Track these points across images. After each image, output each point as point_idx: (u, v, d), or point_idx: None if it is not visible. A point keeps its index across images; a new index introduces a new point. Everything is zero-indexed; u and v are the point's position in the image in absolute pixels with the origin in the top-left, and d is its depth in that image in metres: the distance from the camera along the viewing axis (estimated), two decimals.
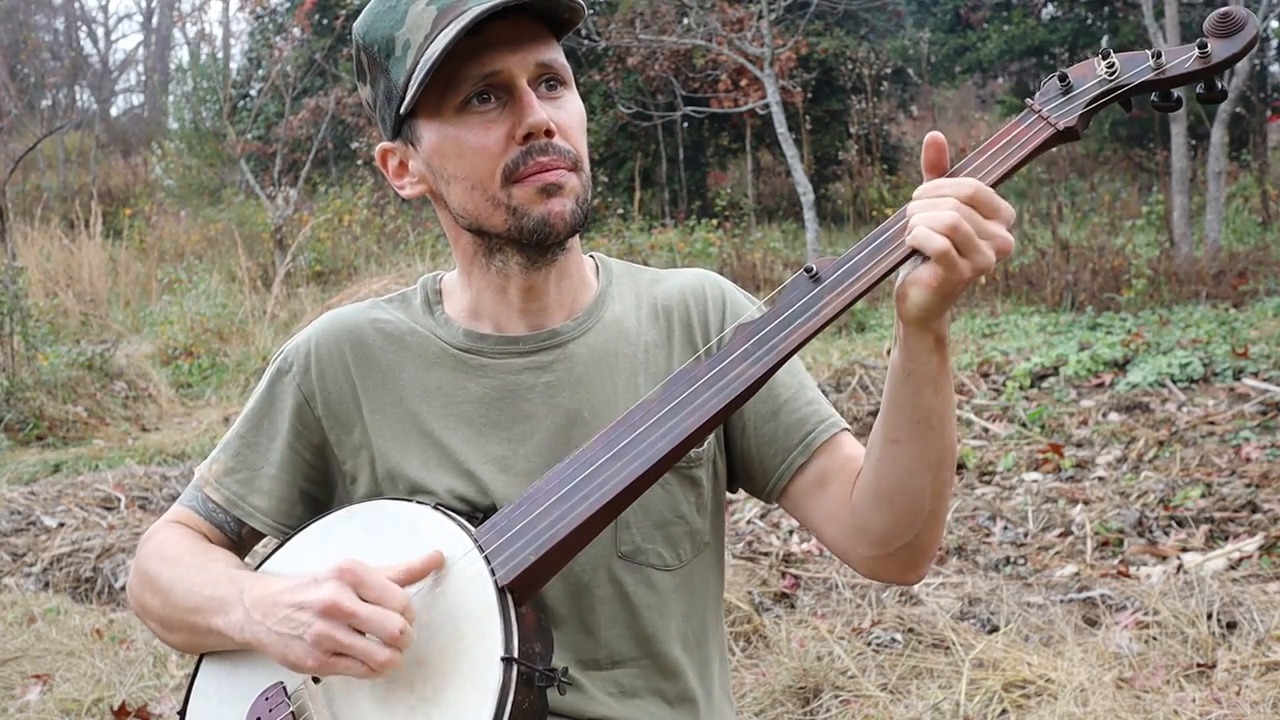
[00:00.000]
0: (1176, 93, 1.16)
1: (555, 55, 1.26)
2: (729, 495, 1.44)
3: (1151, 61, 1.14)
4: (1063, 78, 1.16)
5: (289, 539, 1.32)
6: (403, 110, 1.24)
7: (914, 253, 1.13)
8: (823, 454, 1.34)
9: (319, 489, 1.39)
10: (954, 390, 1.23)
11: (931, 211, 1.10)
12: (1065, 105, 1.15)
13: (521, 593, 1.16)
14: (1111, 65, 1.15)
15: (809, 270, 1.16)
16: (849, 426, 1.38)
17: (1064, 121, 1.14)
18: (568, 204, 1.25)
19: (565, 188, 1.25)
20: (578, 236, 1.34)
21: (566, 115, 1.27)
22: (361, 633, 1.13)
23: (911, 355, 1.16)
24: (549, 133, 1.23)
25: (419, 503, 1.27)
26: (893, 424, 1.20)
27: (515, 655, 1.12)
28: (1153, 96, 1.16)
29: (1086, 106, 1.15)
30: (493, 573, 1.16)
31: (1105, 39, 14.64)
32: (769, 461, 1.36)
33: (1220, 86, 1.14)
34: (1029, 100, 1.17)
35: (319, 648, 1.14)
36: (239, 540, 1.39)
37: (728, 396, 1.15)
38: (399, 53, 1.24)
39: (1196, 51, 1.13)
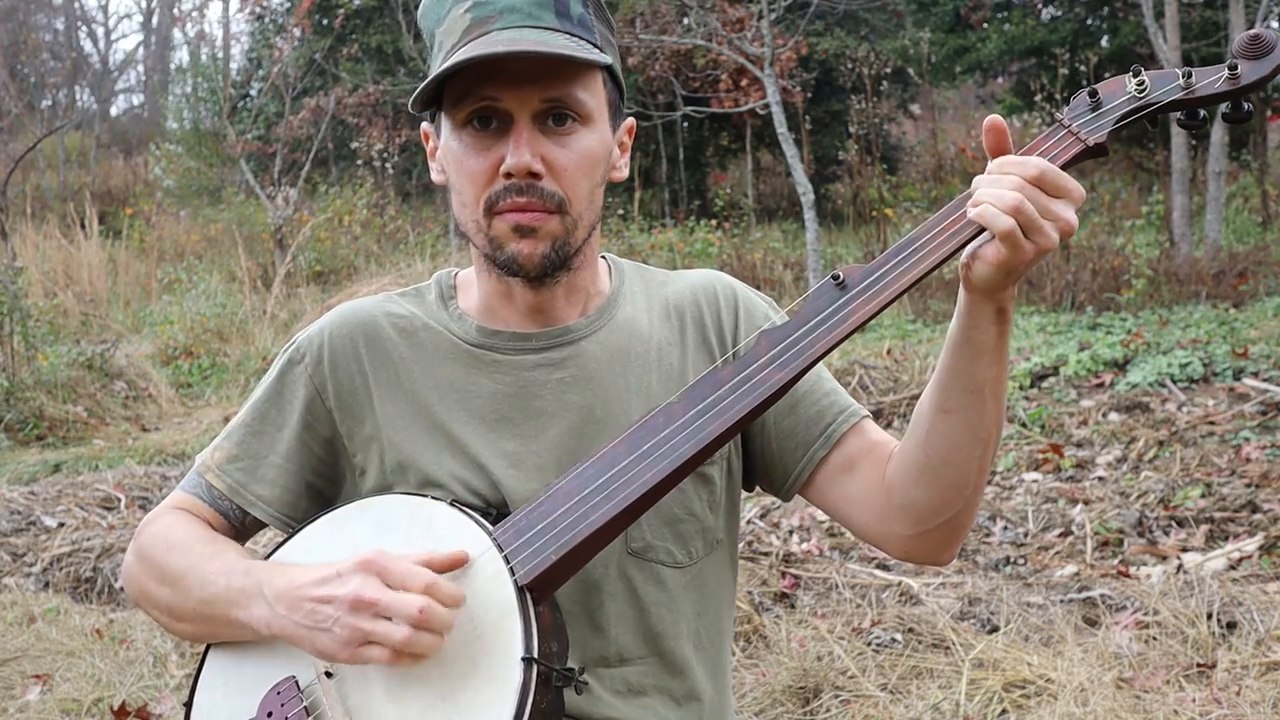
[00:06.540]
0: (1203, 112, 1.17)
1: (571, 90, 1.23)
2: (743, 493, 1.44)
3: (1181, 80, 1.15)
4: (1093, 94, 1.17)
5: (298, 530, 1.31)
6: (408, 107, 1.28)
7: (943, 262, 1.14)
8: (845, 443, 1.34)
9: (326, 483, 1.38)
10: (1008, 367, 1.23)
11: (997, 189, 1.10)
12: (1095, 121, 1.16)
13: (539, 592, 1.16)
14: (1142, 83, 1.16)
15: (835, 278, 1.17)
16: (869, 414, 1.37)
17: (1094, 138, 1.15)
18: (540, 247, 1.25)
19: (539, 232, 1.24)
20: (594, 250, 1.35)
21: (565, 155, 1.24)
22: (388, 618, 1.13)
23: (972, 323, 1.16)
24: (535, 174, 1.22)
25: (434, 498, 1.26)
26: (947, 393, 1.21)
27: (535, 655, 1.12)
28: (1179, 115, 1.18)
29: (1116, 123, 1.16)
30: (512, 572, 1.16)
31: (1105, 39, 14.64)
32: (789, 456, 1.35)
33: (1246, 108, 1.16)
34: (1059, 114, 1.18)
35: (348, 639, 1.14)
36: (242, 528, 1.38)
37: (753, 401, 1.16)
38: (434, 49, 1.30)
39: (1226, 73, 1.14)
